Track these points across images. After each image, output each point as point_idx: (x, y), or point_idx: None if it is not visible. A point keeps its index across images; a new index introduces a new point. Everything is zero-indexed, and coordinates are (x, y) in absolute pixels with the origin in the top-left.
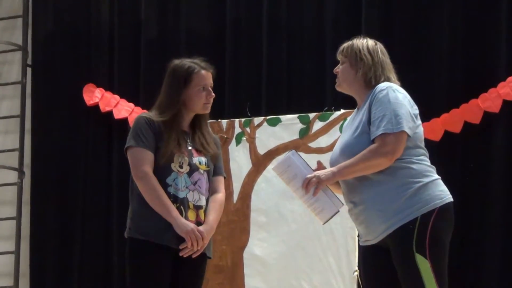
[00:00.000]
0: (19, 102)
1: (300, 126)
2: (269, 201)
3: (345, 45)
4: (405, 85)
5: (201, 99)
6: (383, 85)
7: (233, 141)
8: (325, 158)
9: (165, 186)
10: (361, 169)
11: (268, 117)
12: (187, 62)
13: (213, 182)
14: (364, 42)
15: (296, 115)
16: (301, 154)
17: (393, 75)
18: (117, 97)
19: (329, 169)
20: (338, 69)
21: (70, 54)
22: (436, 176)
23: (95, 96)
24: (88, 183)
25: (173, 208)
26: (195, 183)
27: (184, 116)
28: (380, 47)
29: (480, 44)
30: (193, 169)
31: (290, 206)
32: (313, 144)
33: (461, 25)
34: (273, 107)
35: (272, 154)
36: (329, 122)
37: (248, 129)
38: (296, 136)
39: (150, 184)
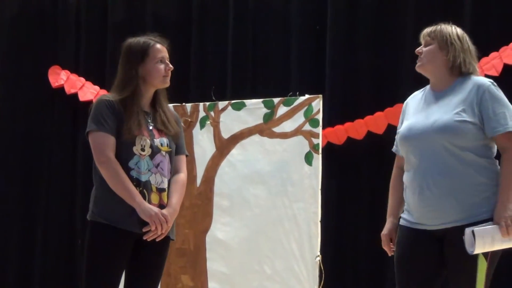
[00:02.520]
0: None
1: (265, 110)
2: (232, 185)
3: (432, 28)
4: (372, 69)
5: (160, 71)
6: (485, 79)
7: (197, 124)
8: (289, 143)
9: (127, 169)
10: None
11: (233, 101)
12: (141, 38)
13: (175, 162)
14: (453, 29)
15: (261, 100)
16: (265, 138)
17: (477, 66)
18: (82, 79)
19: (502, 204)
20: (421, 50)
21: (35, 36)
22: None
23: (61, 78)
24: (53, 165)
25: (136, 193)
26: (157, 166)
27: (143, 94)
28: (466, 36)
29: None
30: (155, 151)
31: (253, 190)
32: (277, 129)
33: (426, 12)
34: (238, 92)
35: (236, 138)
36: (294, 107)
37: (212, 113)
38: (260, 120)
39: (112, 169)
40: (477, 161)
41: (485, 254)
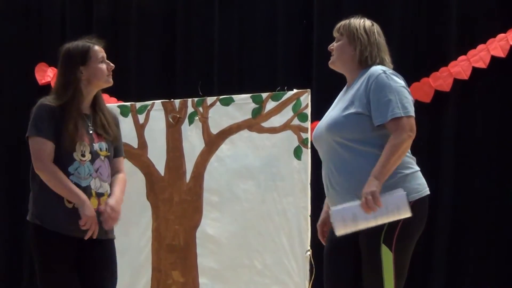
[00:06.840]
0: None
1: (253, 105)
2: (222, 181)
3: (342, 23)
4: None
5: (104, 71)
6: (378, 68)
7: (186, 120)
8: (278, 138)
9: (66, 175)
10: (395, 161)
11: (221, 97)
12: (78, 42)
13: (114, 164)
14: (361, 22)
15: (249, 95)
16: (254, 133)
17: (387, 57)
18: None
19: (370, 180)
20: (333, 46)
21: (22, 33)
22: (416, 168)
23: (47, 75)
24: None
25: (79, 191)
26: (97, 171)
27: (85, 96)
28: (376, 28)
29: (432, 23)
30: (94, 156)
31: (243, 185)
32: (266, 124)
33: (412, 4)
34: (226, 87)
35: (225, 133)
36: (282, 102)
37: (201, 109)
38: (249, 115)
39: (51, 173)
40: (372, 152)
41: (389, 245)
